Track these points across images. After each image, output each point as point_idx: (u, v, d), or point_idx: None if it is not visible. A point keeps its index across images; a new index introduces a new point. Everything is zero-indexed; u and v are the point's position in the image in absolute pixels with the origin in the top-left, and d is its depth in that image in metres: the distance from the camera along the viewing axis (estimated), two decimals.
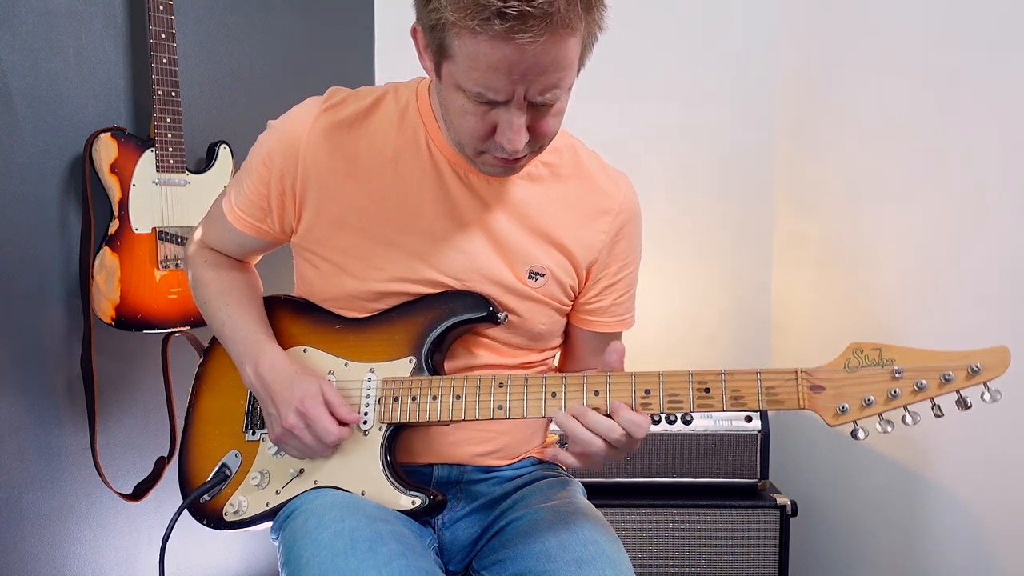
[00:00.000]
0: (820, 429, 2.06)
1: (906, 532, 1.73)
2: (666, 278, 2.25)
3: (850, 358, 0.93)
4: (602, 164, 1.15)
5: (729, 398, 0.94)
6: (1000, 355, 0.89)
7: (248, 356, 1.10)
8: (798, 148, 2.16)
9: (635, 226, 1.15)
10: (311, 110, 1.08)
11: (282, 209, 1.10)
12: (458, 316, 1.06)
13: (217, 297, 1.17)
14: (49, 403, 1.65)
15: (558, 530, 1.03)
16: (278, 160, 1.07)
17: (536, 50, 0.85)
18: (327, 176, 1.07)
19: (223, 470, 1.13)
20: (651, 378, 0.96)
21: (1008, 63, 1.45)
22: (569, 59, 0.89)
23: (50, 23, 1.60)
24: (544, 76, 0.88)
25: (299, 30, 2.02)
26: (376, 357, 1.09)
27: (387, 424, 1.05)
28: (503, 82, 0.88)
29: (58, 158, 1.62)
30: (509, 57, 0.85)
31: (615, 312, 1.18)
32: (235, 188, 1.14)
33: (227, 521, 1.11)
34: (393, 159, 1.07)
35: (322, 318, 1.13)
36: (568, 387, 0.98)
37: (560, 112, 0.96)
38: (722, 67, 2.22)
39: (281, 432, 1.05)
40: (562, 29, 0.85)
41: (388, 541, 0.94)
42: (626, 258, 1.15)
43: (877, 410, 0.92)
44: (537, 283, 1.10)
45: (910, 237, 1.70)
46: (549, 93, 0.90)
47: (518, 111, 0.91)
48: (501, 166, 1.00)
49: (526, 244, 1.09)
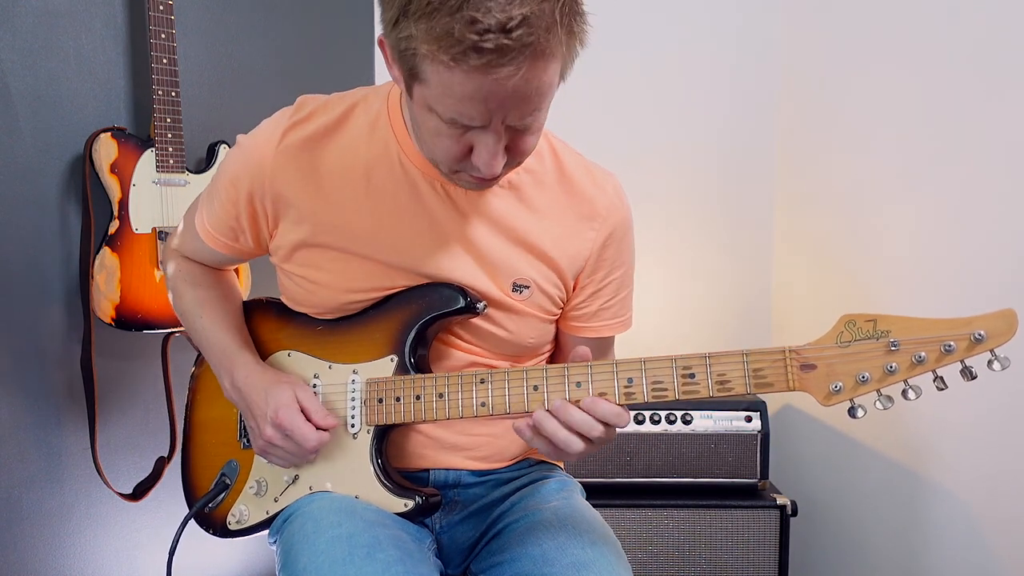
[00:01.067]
0: (820, 429, 2.06)
1: (906, 532, 1.73)
2: (665, 278, 2.25)
3: (842, 331, 0.85)
4: (587, 167, 1.10)
5: (715, 383, 0.89)
6: (1006, 319, 0.80)
7: (224, 369, 1.09)
8: (798, 148, 2.16)
9: (623, 231, 1.10)
10: (277, 127, 1.03)
11: (255, 228, 1.08)
12: (436, 311, 1.03)
13: (193, 309, 1.16)
14: (49, 403, 1.65)
15: (556, 533, 1.02)
16: (245, 182, 1.04)
17: (515, 82, 0.80)
18: (296, 196, 1.03)
19: (222, 480, 1.13)
20: (633, 365, 0.91)
21: (1008, 62, 1.45)
22: (548, 83, 0.84)
23: (50, 23, 1.60)
24: (524, 104, 0.84)
25: (299, 30, 2.02)
26: (358, 357, 1.07)
27: (374, 426, 1.04)
28: (479, 111, 0.83)
29: (58, 158, 1.62)
30: (485, 88, 0.80)
31: (603, 317, 1.13)
32: (207, 205, 1.11)
33: (231, 530, 1.11)
34: (365, 174, 1.02)
35: (303, 320, 1.11)
36: (549, 379, 0.95)
37: (538, 130, 0.92)
38: (722, 67, 2.22)
39: (263, 444, 1.04)
40: (542, 58, 0.80)
41: (386, 547, 0.94)
42: (613, 263, 1.11)
43: (873, 387, 0.85)
44: (522, 295, 1.06)
45: (910, 236, 1.70)
46: (529, 117, 0.86)
47: (495, 136, 0.87)
48: (476, 183, 0.95)
49: (508, 256, 1.05)
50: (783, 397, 2.21)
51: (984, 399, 1.47)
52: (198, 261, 1.20)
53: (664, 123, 2.23)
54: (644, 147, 2.19)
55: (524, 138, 0.90)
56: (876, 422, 1.81)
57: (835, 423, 1.99)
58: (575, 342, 1.16)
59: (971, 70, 1.53)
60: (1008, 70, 1.45)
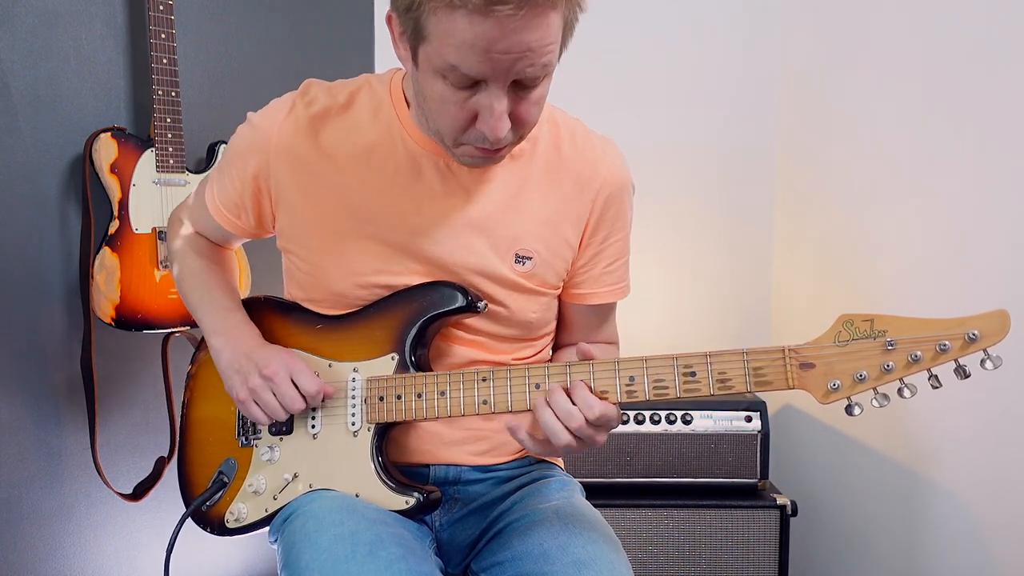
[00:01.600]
0: (820, 429, 2.06)
1: (906, 532, 1.73)
2: (665, 278, 2.25)
3: (840, 331, 0.88)
4: (586, 133, 1.11)
5: (716, 381, 0.90)
6: (999, 319, 0.82)
7: (214, 328, 1.12)
8: (798, 147, 2.16)
9: (624, 195, 1.11)
10: (284, 106, 1.07)
11: (258, 207, 1.11)
12: (436, 309, 1.04)
13: (193, 274, 1.19)
14: (49, 403, 1.65)
15: (556, 532, 1.02)
16: (251, 160, 1.07)
17: (516, 24, 0.81)
18: (300, 174, 1.06)
19: (220, 478, 1.13)
20: (635, 364, 0.93)
21: (1008, 63, 1.45)
22: (551, 36, 0.85)
23: (50, 23, 1.60)
24: (526, 55, 0.85)
25: (299, 30, 2.02)
26: (359, 356, 1.07)
27: (375, 424, 1.04)
28: (481, 60, 0.84)
29: (58, 158, 1.62)
30: (488, 33, 0.82)
31: (606, 282, 1.14)
32: (217, 179, 1.15)
33: (229, 528, 1.11)
34: (367, 154, 1.05)
35: (303, 318, 1.12)
36: (551, 378, 0.96)
37: (541, 99, 0.93)
38: (722, 67, 2.22)
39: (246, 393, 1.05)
40: (542, 3, 0.82)
41: (388, 544, 0.94)
42: (614, 224, 1.12)
43: (871, 385, 0.87)
44: (524, 267, 1.07)
45: (910, 236, 1.70)
46: (531, 69, 0.86)
47: (499, 93, 0.88)
48: (481, 156, 0.96)
49: (510, 227, 1.06)
50: (783, 397, 2.21)
51: (984, 400, 1.48)
52: (204, 235, 1.23)
53: (664, 123, 2.23)
54: (644, 147, 2.19)
55: (527, 105, 0.91)
56: (876, 422, 1.81)
57: (835, 423, 1.99)
58: (579, 315, 1.17)
59: (972, 70, 1.53)
60: (1009, 70, 1.45)
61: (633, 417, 1.79)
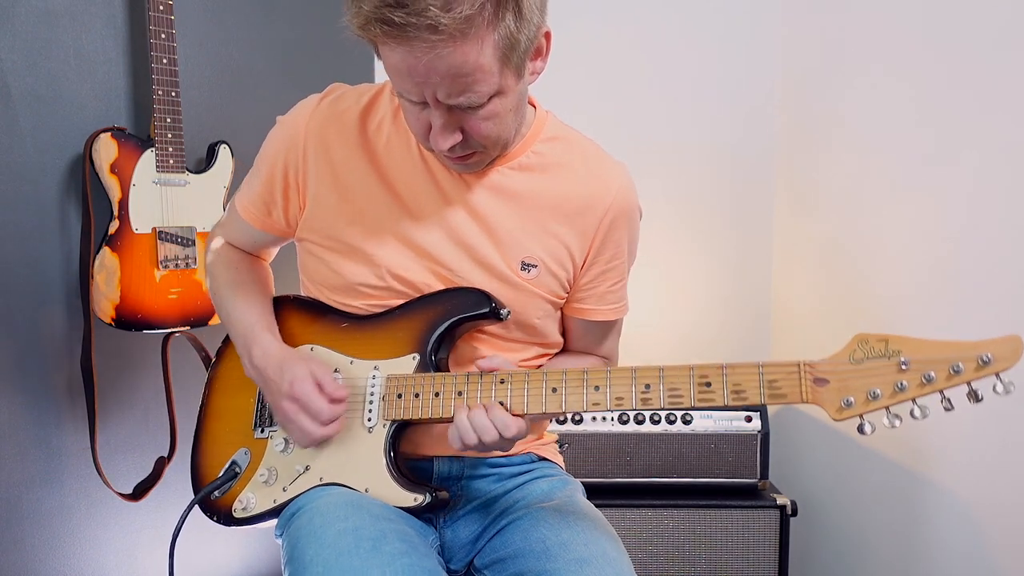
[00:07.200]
0: (820, 429, 2.06)
1: (906, 532, 1.73)
2: (666, 278, 2.25)
3: (855, 350, 0.89)
4: (598, 154, 1.14)
5: (730, 392, 0.92)
6: (1013, 344, 0.84)
7: (245, 347, 1.13)
8: (798, 148, 2.16)
9: (629, 218, 1.14)
10: (311, 103, 1.12)
11: (286, 202, 1.13)
12: (461, 313, 1.07)
13: (226, 289, 1.21)
14: (49, 403, 1.65)
15: (559, 529, 1.03)
16: (283, 155, 1.11)
17: (430, 58, 0.86)
18: (326, 166, 1.09)
19: (233, 467, 1.14)
20: (651, 372, 0.95)
21: (1008, 62, 1.45)
22: (471, 65, 0.88)
23: (50, 23, 1.60)
24: (447, 82, 0.89)
25: (299, 30, 2.02)
26: (380, 354, 1.09)
27: (391, 421, 1.05)
28: (409, 85, 0.91)
29: (58, 158, 1.62)
30: (406, 60, 0.88)
31: (609, 300, 1.17)
32: (247, 185, 1.18)
33: (236, 517, 1.12)
34: (386, 152, 1.09)
35: (329, 317, 1.14)
36: (568, 382, 0.98)
37: (493, 115, 0.96)
38: (722, 67, 2.22)
39: (281, 419, 1.07)
40: (454, 40, 0.85)
41: (392, 540, 0.95)
42: (619, 245, 1.14)
43: (883, 403, 0.88)
44: (530, 275, 1.10)
45: (910, 236, 1.70)
46: (461, 97, 0.91)
47: (436, 112, 0.93)
48: (452, 162, 1.03)
49: (518, 235, 1.09)
50: None
51: (984, 400, 1.47)
52: (238, 247, 1.25)
53: (664, 125, 2.23)
54: (644, 149, 2.19)
55: (475, 122, 0.95)
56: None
57: (834, 423, 1.99)
58: (582, 329, 1.20)
59: (972, 70, 1.53)
60: (1009, 70, 1.45)
61: (633, 417, 1.79)
